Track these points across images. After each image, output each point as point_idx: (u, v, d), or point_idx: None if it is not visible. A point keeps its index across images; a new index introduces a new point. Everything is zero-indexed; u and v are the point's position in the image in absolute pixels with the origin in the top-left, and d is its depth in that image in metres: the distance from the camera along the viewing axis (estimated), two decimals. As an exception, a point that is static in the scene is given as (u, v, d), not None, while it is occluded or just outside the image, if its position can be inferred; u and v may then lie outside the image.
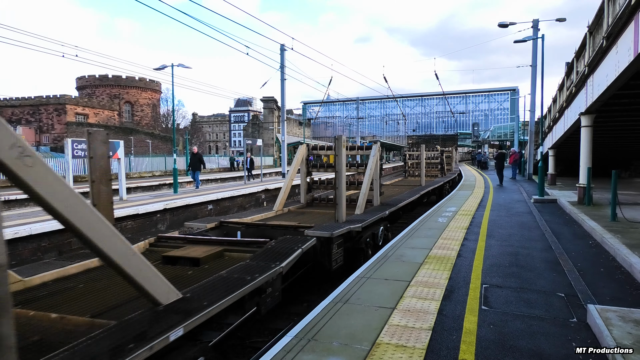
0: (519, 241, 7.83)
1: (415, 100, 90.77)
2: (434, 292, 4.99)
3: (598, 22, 10.83)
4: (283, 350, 3.53)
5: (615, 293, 4.99)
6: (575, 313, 4.30)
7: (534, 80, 24.76)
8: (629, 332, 3.57)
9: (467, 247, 7.36)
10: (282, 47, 29.06)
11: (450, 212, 11.54)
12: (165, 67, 26.09)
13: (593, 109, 11.99)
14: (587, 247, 7.41)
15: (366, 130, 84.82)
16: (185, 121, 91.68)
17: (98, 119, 73.26)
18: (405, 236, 8.32)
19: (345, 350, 3.52)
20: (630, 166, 24.90)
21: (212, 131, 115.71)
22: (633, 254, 6.20)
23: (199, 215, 14.35)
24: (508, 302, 4.64)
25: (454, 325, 4.03)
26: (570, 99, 15.63)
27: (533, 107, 25.78)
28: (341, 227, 7.17)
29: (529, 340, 3.69)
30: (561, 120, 18.37)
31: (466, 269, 5.99)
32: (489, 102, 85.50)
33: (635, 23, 7.55)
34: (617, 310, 4.05)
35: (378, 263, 6.28)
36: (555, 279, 5.48)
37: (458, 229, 8.98)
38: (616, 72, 8.92)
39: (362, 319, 4.16)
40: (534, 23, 23.78)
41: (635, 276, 5.53)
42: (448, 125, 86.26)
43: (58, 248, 9.46)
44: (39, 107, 71.74)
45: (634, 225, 8.70)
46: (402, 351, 3.49)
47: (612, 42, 9.27)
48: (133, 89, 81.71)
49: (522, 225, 9.57)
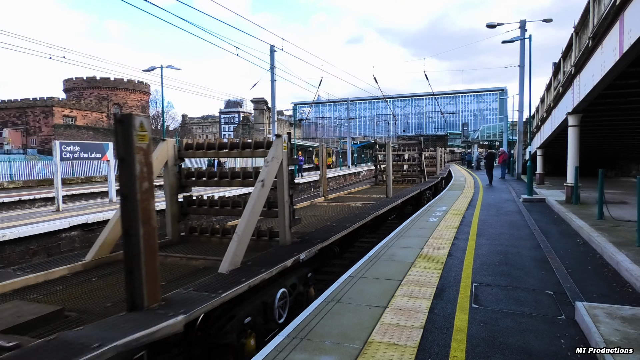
0: (508, 240, 7.90)
1: (405, 100, 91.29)
2: (425, 290, 5.02)
3: (584, 22, 10.98)
4: (275, 350, 3.54)
5: (603, 290, 5.06)
6: (564, 310, 4.36)
7: (522, 80, 25.01)
8: (616, 329, 3.63)
9: (457, 246, 7.42)
10: (271, 47, 29.05)
11: (440, 211, 11.62)
12: (155, 69, 25.98)
13: (580, 109, 12.15)
14: (574, 246, 7.51)
15: (357, 130, 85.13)
16: (175, 123, 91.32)
17: (86, 121, 72.56)
18: (396, 236, 8.35)
19: (337, 349, 3.54)
20: (616, 165, 25.27)
21: (202, 132, 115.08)
22: (620, 252, 6.29)
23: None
24: (498, 300, 4.69)
25: (445, 324, 4.06)
26: (557, 98, 15.82)
27: (521, 107, 26.03)
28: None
29: (519, 338, 3.74)
30: (549, 120, 18.58)
31: (457, 267, 6.04)
32: (478, 102, 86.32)
33: (620, 23, 7.67)
34: (604, 307, 4.12)
35: (369, 262, 6.30)
36: (544, 277, 5.55)
37: (449, 229, 9.04)
38: (602, 72, 9.05)
39: (353, 318, 4.18)
40: (521, 24, 24.02)
41: (622, 274, 5.62)
42: (438, 126, 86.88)
43: (47, 251, 9.36)
44: (26, 109, 70.85)
45: (620, 223, 8.82)
46: (393, 349, 3.51)
47: (597, 42, 9.40)
48: (121, 91, 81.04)
49: (512, 224, 9.67)
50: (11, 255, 8.70)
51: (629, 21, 7.22)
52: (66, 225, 9.87)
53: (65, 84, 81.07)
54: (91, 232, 10.50)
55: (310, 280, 6.31)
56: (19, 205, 15.83)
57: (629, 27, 7.21)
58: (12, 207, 15.40)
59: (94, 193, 18.93)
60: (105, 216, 10.93)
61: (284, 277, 5.50)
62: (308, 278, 6.26)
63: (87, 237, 10.38)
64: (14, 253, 8.77)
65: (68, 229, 9.94)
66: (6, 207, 15.18)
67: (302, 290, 6.05)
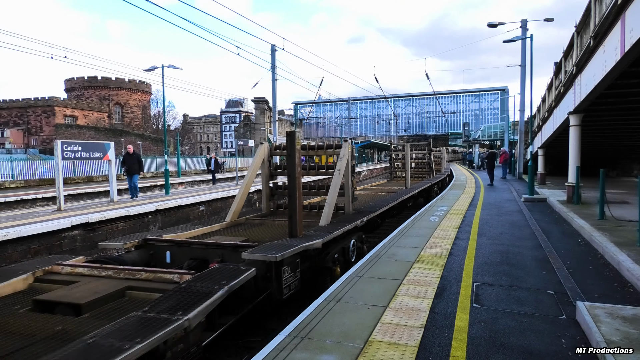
0: (509, 240, 7.90)
1: (406, 100, 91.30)
2: (426, 290, 5.03)
3: (585, 22, 10.96)
4: (276, 349, 3.55)
5: (604, 290, 5.06)
6: (565, 310, 4.36)
7: (523, 80, 24.99)
8: (617, 329, 3.63)
9: (458, 245, 7.42)
10: (272, 47, 29.06)
11: (441, 211, 11.61)
12: (156, 69, 25.99)
13: (581, 108, 12.13)
14: (576, 246, 7.50)
15: (358, 130, 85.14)
16: (176, 122, 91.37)
17: (87, 121, 72.73)
18: (397, 235, 8.36)
19: (338, 348, 3.54)
20: (618, 165, 25.21)
21: (204, 132, 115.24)
22: (621, 251, 6.29)
23: (191, 216, 14.30)
24: (499, 300, 4.70)
25: (445, 323, 4.06)
26: (559, 98, 15.80)
27: (522, 107, 26.02)
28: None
29: (520, 337, 3.74)
30: (550, 119, 18.57)
31: (458, 267, 6.04)
32: (480, 102, 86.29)
33: (621, 23, 7.66)
34: (605, 307, 4.11)
35: (370, 262, 6.31)
36: (545, 277, 5.55)
37: (449, 228, 9.04)
38: (603, 72, 9.03)
39: (355, 317, 4.19)
40: (523, 23, 24.01)
41: (623, 274, 5.62)
42: (439, 125, 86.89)
43: (48, 250, 9.38)
44: (27, 109, 71.04)
45: (621, 223, 8.81)
46: (394, 348, 3.52)
47: (599, 42, 9.38)
48: (123, 91, 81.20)
49: (513, 224, 9.66)
50: (13, 255, 8.72)
51: (631, 20, 7.21)
52: (67, 224, 9.88)
53: (66, 83, 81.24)
54: (92, 232, 10.52)
55: (364, 240, 8.79)
56: (20, 205, 15.86)
57: (630, 27, 7.20)
58: (14, 206, 15.42)
59: (96, 192, 18.95)
60: (107, 215, 10.95)
61: (351, 234, 8.01)
62: (363, 238, 8.76)
63: (88, 236, 10.39)
64: (16, 252, 8.79)
65: (69, 229, 9.95)
66: (8, 206, 15.21)
67: (360, 245, 8.43)
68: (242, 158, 41.01)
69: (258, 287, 5.48)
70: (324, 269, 6.76)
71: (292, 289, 5.93)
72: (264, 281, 5.55)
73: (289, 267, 5.81)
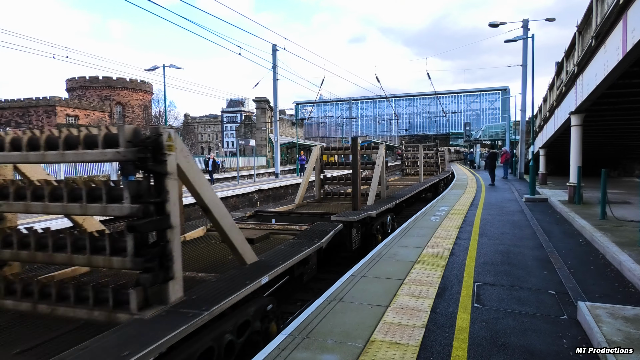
0: (510, 240, 7.90)
1: (407, 100, 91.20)
2: (427, 290, 5.03)
3: (587, 21, 10.95)
4: (278, 348, 3.55)
5: (605, 290, 5.06)
6: (566, 310, 4.35)
7: (524, 79, 24.96)
8: (619, 329, 3.62)
9: (459, 245, 7.42)
10: (274, 47, 29.05)
11: (443, 211, 11.61)
12: (157, 68, 26.03)
13: (583, 108, 12.12)
14: (577, 246, 7.50)
15: (359, 130, 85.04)
16: (177, 122, 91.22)
17: (89, 121, 72.69)
18: (398, 235, 8.36)
19: (339, 347, 3.55)
20: (619, 165, 25.17)
21: (205, 132, 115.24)
22: (622, 252, 6.28)
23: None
24: (500, 300, 4.70)
25: (446, 323, 4.06)
26: (560, 98, 15.78)
27: (524, 107, 25.99)
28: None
29: (521, 337, 3.74)
30: (552, 119, 18.55)
31: (459, 267, 6.04)
32: (481, 101, 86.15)
33: (623, 22, 7.65)
34: (606, 307, 4.11)
35: (372, 262, 6.31)
36: (546, 277, 5.54)
37: (451, 228, 9.04)
38: (605, 72, 9.02)
39: (356, 317, 4.19)
40: (524, 23, 23.99)
41: (625, 274, 5.61)
42: (440, 125, 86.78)
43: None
44: (29, 109, 71.01)
45: (623, 223, 8.80)
46: (395, 348, 3.52)
47: (600, 42, 9.37)
48: (124, 90, 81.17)
49: (514, 224, 9.66)
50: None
51: (633, 20, 7.20)
52: (69, 224, 9.95)
53: (68, 83, 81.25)
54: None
55: (394, 220, 10.61)
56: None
57: (632, 26, 7.19)
58: None
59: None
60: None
61: (387, 212, 10.16)
62: (393, 218, 10.61)
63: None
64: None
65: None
66: None
67: (392, 223, 10.33)
68: (244, 158, 41.00)
69: (336, 241, 7.38)
70: (370, 235, 8.81)
71: (357, 244, 8.12)
72: (341, 236, 7.60)
73: (355, 229, 7.98)
